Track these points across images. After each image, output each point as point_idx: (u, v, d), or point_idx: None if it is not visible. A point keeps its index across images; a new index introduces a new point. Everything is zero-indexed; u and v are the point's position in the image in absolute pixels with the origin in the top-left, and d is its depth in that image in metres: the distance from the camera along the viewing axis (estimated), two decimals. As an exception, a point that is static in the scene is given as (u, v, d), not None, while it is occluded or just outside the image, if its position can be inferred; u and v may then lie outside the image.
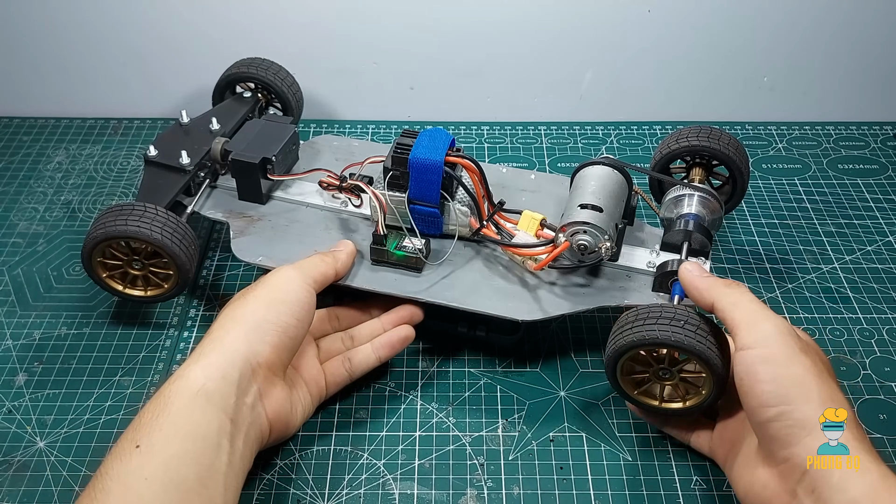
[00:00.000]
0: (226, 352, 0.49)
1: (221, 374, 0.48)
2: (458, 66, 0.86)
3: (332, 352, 0.59)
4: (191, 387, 0.47)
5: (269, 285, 0.54)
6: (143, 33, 0.84)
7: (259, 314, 0.52)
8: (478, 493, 0.54)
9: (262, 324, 0.51)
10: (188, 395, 0.47)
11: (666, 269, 0.57)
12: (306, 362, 0.57)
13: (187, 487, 0.44)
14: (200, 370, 0.48)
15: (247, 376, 0.49)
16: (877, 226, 0.75)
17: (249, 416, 0.49)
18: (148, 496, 0.43)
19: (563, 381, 0.61)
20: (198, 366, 0.49)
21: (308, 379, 0.56)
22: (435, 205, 0.60)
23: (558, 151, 0.85)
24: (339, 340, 0.59)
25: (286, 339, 0.52)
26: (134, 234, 0.58)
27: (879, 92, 0.88)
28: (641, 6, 0.81)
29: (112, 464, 0.44)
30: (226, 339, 0.50)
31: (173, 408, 0.46)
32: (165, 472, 0.44)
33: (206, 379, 0.48)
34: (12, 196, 0.79)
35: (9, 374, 0.62)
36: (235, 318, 0.52)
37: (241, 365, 0.49)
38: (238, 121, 0.71)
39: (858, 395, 0.60)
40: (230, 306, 0.53)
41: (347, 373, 0.58)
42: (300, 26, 0.83)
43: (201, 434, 0.46)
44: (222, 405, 0.47)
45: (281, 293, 0.53)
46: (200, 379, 0.48)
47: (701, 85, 0.88)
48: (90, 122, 0.89)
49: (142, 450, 0.44)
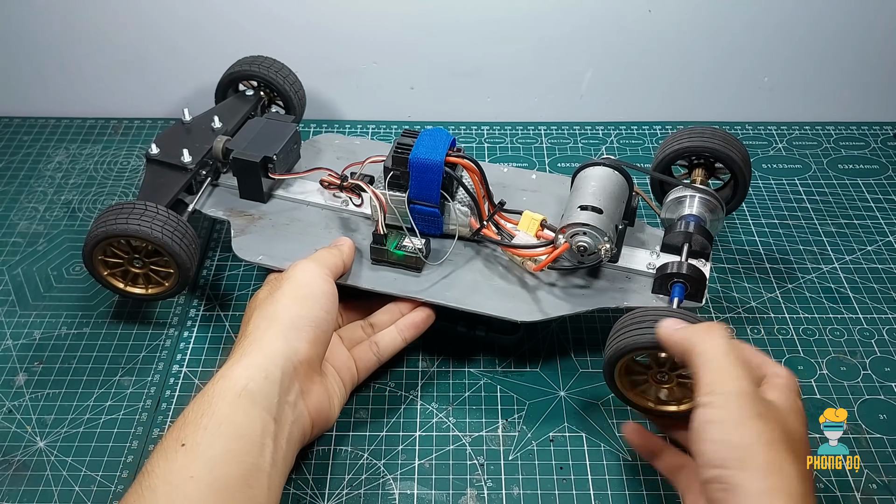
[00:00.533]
0: (266, 351, 0.49)
1: (264, 373, 0.48)
2: (458, 66, 0.86)
3: (356, 339, 0.59)
4: (234, 387, 0.47)
5: (294, 281, 0.54)
6: (144, 33, 0.84)
7: (292, 311, 0.52)
8: (478, 493, 0.54)
9: (296, 321, 0.51)
10: (231, 396, 0.47)
11: (666, 270, 0.57)
12: (335, 350, 0.57)
13: (232, 487, 0.44)
14: (243, 370, 0.48)
15: (289, 375, 0.49)
16: (877, 226, 0.75)
17: (292, 415, 0.50)
18: (194, 495, 0.43)
19: (563, 381, 0.61)
20: (240, 366, 0.48)
21: (339, 367, 0.56)
22: (435, 204, 0.60)
23: (558, 151, 0.85)
24: (360, 328, 0.60)
25: (320, 333, 0.52)
26: (135, 233, 0.58)
27: (879, 92, 0.88)
28: (641, 6, 0.81)
29: (157, 462, 0.44)
30: (264, 338, 0.50)
31: (217, 408, 0.46)
32: (210, 471, 0.44)
33: (249, 379, 0.48)
34: (12, 196, 0.79)
35: (9, 374, 0.62)
36: (269, 316, 0.52)
37: (283, 364, 0.49)
38: (240, 119, 0.71)
39: (858, 395, 0.60)
40: (261, 306, 0.53)
41: (376, 356, 0.58)
42: (300, 26, 0.83)
43: (246, 434, 0.46)
44: (266, 405, 0.47)
45: (307, 287, 0.53)
46: (243, 379, 0.47)
47: (701, 85, 0.88)
48: (90, 122, 0.89)
49: (187, 448, 0.44)
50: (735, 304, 0.67)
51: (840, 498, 0.53)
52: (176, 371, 0.62)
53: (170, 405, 0.59)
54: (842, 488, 0.54)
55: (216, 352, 0.63)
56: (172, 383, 0.61)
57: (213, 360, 0.63)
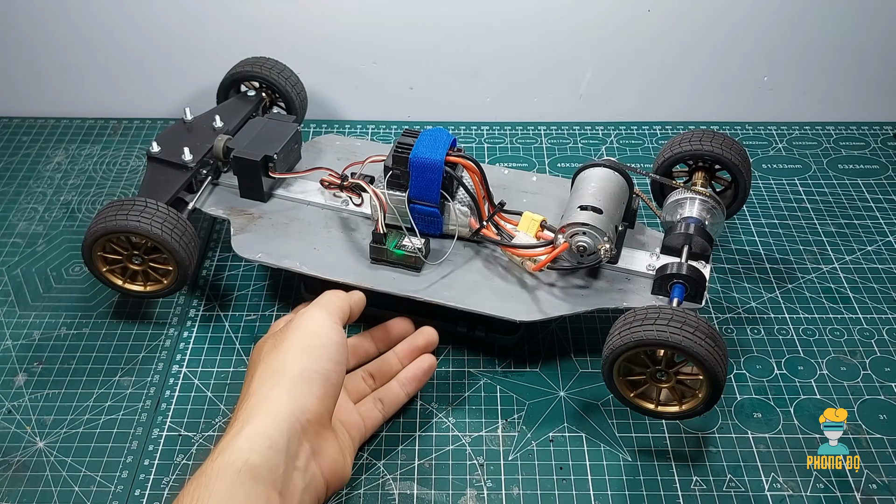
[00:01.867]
0: (271, 414, 0.45)
1: (268, 442, 0.44)
2: (458, 66, 0.86)
3: (360, 391, 0.57)
4: (234, 463, 0.43)
5: (301, 330, 0.50)
6: (144, 33, 0.84)
7: (300, 363, 0.48)
8: (478, 493, 0.54)
9: (305, 374, 0.47)
10: (231, 474, 0.42)
11: (666, 271, 0.57)
12: (343, 406, 0.54)
13: None
14: (244, 441, 0.44)
15: (296, 438, 0.45)
16: (877, 226, 0.75)
17: (303, 481, 0.46)
18: None
19: (563, 382, 0.61)
20: (241, 436, 0.44)
21: (349, 424, 0.53)
22: (435, 204, 0.60)
23: (558, 151, 0.85)
24: (361, 379, 0.57)
25: (329, 386, 0.48)
26: (134, 229, 0.58)
27: (879, 92, 0.88)
28: (641, 6, 0.81)
29: None
30: (269, 398, 0.46)
31: (216, 489, 0.42)
32: None
33: (251, 451, 0.43)
34: (12, 196, 0.79)
35: (9, 374, 0.61)
36: (275, 370, 0.48)
37: (289, 427, 0.45)
38: (241, 119, 0.71)
39: (858, 395, 0.60)
40: (266, 360, 0.49)
41: (381, 413, 0.56)
42: (299, 26, 0.83)
43: None
44: (271, 479, 0.43)
45: (315, 337, 0.50)
46: (245, 452, 0.43)
47: (701, 85, 0.88)
48: (90, 122, 0.89)
49: None
50: (735, 304, 0.67)
51: (840, 498, 0.53)
52: (176, 371, 0.62)
53: (169, 405, 0.59)
54: (842, 488, 0.54)
55: (216, 352, 0.63)
56: (172, 383, 0.61)
57: (212, 359, 0.63)
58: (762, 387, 0.60)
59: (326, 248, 0.62)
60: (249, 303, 0.67)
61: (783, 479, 0.54)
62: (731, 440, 0.57)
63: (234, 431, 0.45)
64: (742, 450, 0.56)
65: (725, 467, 0.55)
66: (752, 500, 0.53)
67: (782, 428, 0.58)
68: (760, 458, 0.56)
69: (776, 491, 0.54)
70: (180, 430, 0.58)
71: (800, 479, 0.54)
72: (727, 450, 0.56)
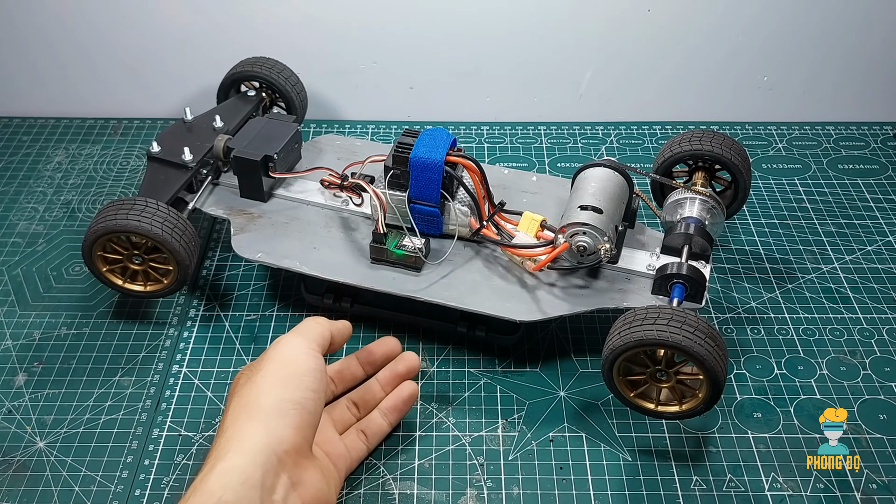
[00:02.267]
0: (244, 449, 0.44)
1: (241, 478, 0.43)
2: (458, 66, 0.86)
3: (345, 422, 0.55)
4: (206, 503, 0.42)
5: (276, 359, 0.49)
6: (144, 34, 0.84)
7: (274, 395, 0.46)
8: (478, 493, 0.54)
9: (280, 405, 0.46)
10: None
11: (666, 271, 0.57)
12: (327, 436, 0.53)
13: None
14: (216, 479, 0.43)
15: (272, 471, 0.44)
16: (877, 226, 0.75)
17: None
18: None
19: (563, 382, 0.61)
20: (213, 474, 0.43)
21: (335, 455, 0.52)
22: (435, 204, 0.60)
23: (558, 151, 0.85)
24: (345, 408, 0.56)
25: (307, 415, 0.47)
26: (134, 229, 0.58)
27: (879, 92, 0.88)
28: (641, 6, 0.81)
29: None
30: (242, 433, 0.45)
31: None
32: None
33: (224, 489, 0.42)
34: (12, 196, 0.79)
35: (9, 374, 0.61)
36: (248, 405, 0.46)
37: (264, 461, 0.44)
38: (241, 119, 0.71)
39: (858, 395, 0.60)
40: (240, 393, 0.48)
41: (365, 445, 0.55)
42: (299, 26, 0.83)
43: None
44: None
45: (290, 366, 0.48)
46: (217, 491, 0.42)
47: (701, 85, 0.88)
48: (90, 122, 0.89)
49: None
50: (735, 304, 0.67)
51: (840, 498, 0.53)
52: (176, 371, 0.62)
53: (169, 405, 0.59)
54: (842, 488, 0.54)
55: (216, 351, 0.63)
56: (172, 383, 0.61)
57: (212, 359, 0.63)
58: (762, 387, 0.60)
59: (326, 248, 0.62)
60: (249, 303, 0.67)
61: (783, 479, 0.54)
62: (731, 440, 0.57)
63: (206, 469, 0.44)
64: (742, 450, 0.56)
65: (725, 467, 0.55)
66: (752, 500, 0.53)
67: (782, 428, 0.58)
68: (760, 458, 0.56)
69: (776, 491, 0.54)
70: (180, 430, 0.58)
71: (800, 478, 0.54)
72: (727, 450, 0.56)
